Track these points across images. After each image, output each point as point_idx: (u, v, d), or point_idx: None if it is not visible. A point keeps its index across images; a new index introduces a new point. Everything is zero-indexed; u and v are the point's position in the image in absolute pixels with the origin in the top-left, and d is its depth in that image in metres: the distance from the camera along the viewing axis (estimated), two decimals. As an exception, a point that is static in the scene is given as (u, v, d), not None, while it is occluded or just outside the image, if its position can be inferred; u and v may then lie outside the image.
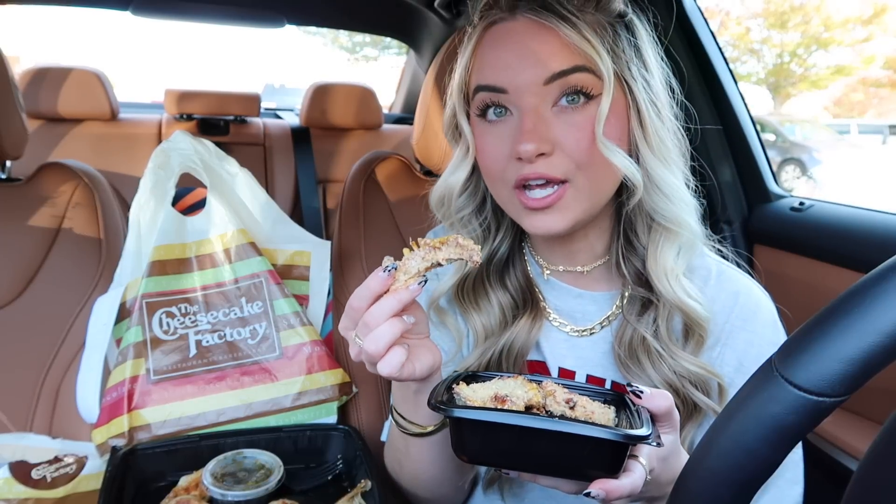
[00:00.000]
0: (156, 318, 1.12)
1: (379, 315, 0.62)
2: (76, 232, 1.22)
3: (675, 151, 0.76)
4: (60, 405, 1.13)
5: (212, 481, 0.90)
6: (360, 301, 0.63)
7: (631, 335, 0.78)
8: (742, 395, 0.39)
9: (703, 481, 0.41)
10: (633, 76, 0.72)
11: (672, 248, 0.77)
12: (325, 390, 1.16)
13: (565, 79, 0.70)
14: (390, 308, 0.62)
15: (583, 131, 0.70)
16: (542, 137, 0.69)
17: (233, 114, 2.66)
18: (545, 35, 0.70)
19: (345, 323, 0.66)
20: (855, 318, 0.35)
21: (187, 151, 1.23)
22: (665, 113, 0.75)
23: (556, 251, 0.84)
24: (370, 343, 0.62)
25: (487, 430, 0.57)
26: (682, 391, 0.75)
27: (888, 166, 10.31)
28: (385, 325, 0.62)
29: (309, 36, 20.57)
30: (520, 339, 0.81)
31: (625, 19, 0.75)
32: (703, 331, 0.77)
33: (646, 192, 0.75)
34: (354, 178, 1.35)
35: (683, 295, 0.76)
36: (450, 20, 2.28)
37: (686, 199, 0.76)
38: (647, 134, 0.73)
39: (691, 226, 0.76)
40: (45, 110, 2.35)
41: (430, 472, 0.79)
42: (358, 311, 0.63)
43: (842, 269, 1.23)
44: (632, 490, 0.57)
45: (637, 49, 0.74)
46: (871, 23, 14.53)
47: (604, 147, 0.70)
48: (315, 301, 1.28)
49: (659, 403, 0.60)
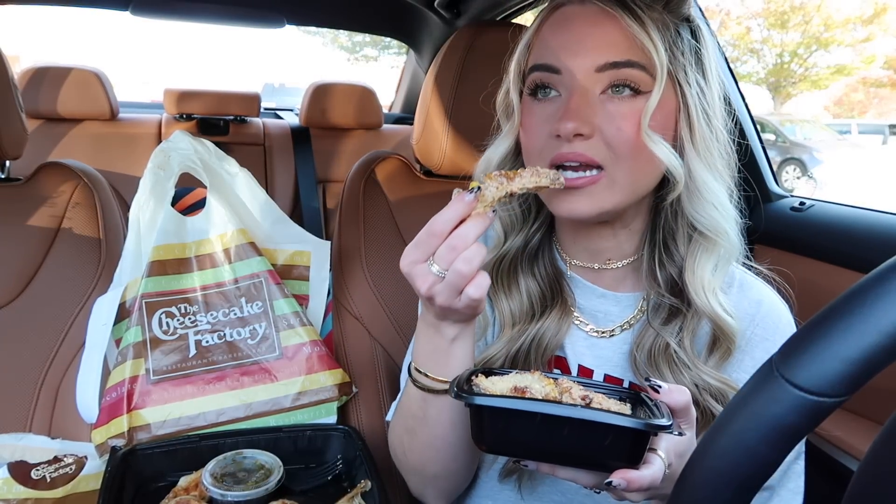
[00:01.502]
0: (155, 319, 1.12)
1: (468, 236, 0.60)
2: (76, 232, 1.22)
3: (720, 162, 0.75)
4: (60, 405, 1.13)
5: (211, 481, 0.90)
6: (446, 224, 0.61)
7: (652, 342, 0.78)
8: (742, 394, 0.39)
9: (704, 481, 0.41)
10: (687, 80, 0.73)
11: (710, 261, 0.76)
12: (324, 390, 1.16)
13: (618, 70, 0.70)
14: (477, 230, 0.61)
15: (627, 121, 0.70)
16: (583, 119, 0.70)
17: (232, 114, 2.66)
18: (607, 23, 0.71)
19: (414, 255, 0.63)
20: (855, 318, 0.35)
21: (187, 151, 1.23)
22: (716, 124, 0.74)
23: (581, 247, 0.84)
24: (462, 264, 0.60)
25: (509, 418, 0.57)
26: (702, 403, 0.75)
27: (888, 166, 10.30)
28: (473, 246, 0.61)
29: (309, 36, 20.61)
30: (549, 334, 0.81)
31: (692, 24, 0.75)
32: (731, 344, 0.76)
33: (687, 193, 0.75)
34: (354, 178, 1.35)
35: (720, 309, 0.75)
36: (450, 20, 2.28)
37: (727, 208, 0.75)
38: (695, 137, 0.73)
39: (730, 236, 0.76)
40: (45, 110, 2.35)
41: (448, 437, 0.77)
42: (439, 237, 0.61)
43: (842, 269, 1.23)
44: (651, 482, 0.57)
45: (697, 55, 0.74)
46: (871, 22, 14.55)
47: (648, 138, 0.70)
48: (315, 301, 1.28)
49: (677, 399, 0.60)
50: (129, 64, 31.77)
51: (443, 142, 1.24)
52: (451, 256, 0.61)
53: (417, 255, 0.63)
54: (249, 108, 2.69)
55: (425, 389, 0.73)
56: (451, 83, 1.22)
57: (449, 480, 0.84)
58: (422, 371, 0.74)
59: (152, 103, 3.23)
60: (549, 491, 0.83)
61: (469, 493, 0.90)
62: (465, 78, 1.21)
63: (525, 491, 0.84)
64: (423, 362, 0.74)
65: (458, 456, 0.80)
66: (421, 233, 0.63)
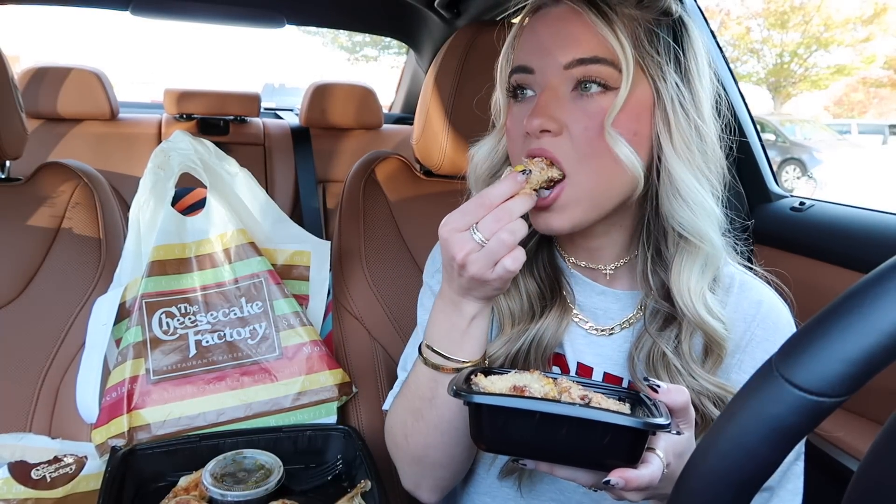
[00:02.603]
0: (155, 319, 1.12)
1: (514, 211, 0.65)
2: (76, 232, 1.22)
3: (703, 161, 0.74)
4: (60, 405, 1.13)
5: (211, 481, 0.90)
6: (497, 198, 0.65)
7: (650, 348, 0.78)
8: (742, 395, 0.39)
9: (704, 481, 0.41)
10: (662, 76, 0.72)
11: (695, 266, 0.76)
12: (325, 390, 1.16)
13: (585, 67, 0.71)
14: (524, 206, 0.66)
15: (592, 120, 0.71)
16: (551, 115, 0.71)
17: (232, 114, 2.66)
18: (576, 21, 0.72)
19: (458, 223, 0.66)
20: (855, 318, 0.35)
21: (187, 151, 1.23)
22: (698, 122, 0.73)
23: (578, 245, 0.84)
24: (507, 235, 0.64)
25: (507, 417, 0.58)
26: (701, 408, 0.75)
27: (888, 166, 10.31)
28: (518, 220, 0.65)
29: (309, 36, 20.61)
30: (549, 333, 0.81)
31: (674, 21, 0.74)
32: (721, 350, 0.76)
33: (664, 194, 0.74)
34: (354, 178, 1.35)
35: (705, 313, 0.75)
36: (450, 20, 2.28)
37: (707, 208, 0.74)
38: (673, 135, 0.72)
39: (712, 239, 0.75)
40: (45, 110, 2.35)
41: (455, 421, 0.76)
42: (489, 207, 0.65)
43: (842, 269, 1.23)
44: (650, 481, 0.57)
45: (678, 52, 0.74)
46: (871, 23, 14.55)
47: (609, 136, 0.70)
48: (315, 301, 1.28)
49: (675, 398, 0.60)
50: (129, 64, 31.79)
51: (443, 142, 1.24)
52: (496, 227, 0.64)
53: (462, 222, 0.66)
54: (249, 108, 2.69)
55: (437, 369, 0.74)
56: (451, 83, 1.22)
57: (448, 469, 0.83)
58: (435, 350, 0.74)
59: (152, 103, 3.23)
60: (548, 490, 0.83)
61: (468, 491, 0.90)
62: (465, 78, 1.21)
63: (524, 490, 0.84)
64: (438, 340, 0.74)
65: (461, 440, 0.79)
66: (468, 202, 0.66)
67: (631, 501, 0.61)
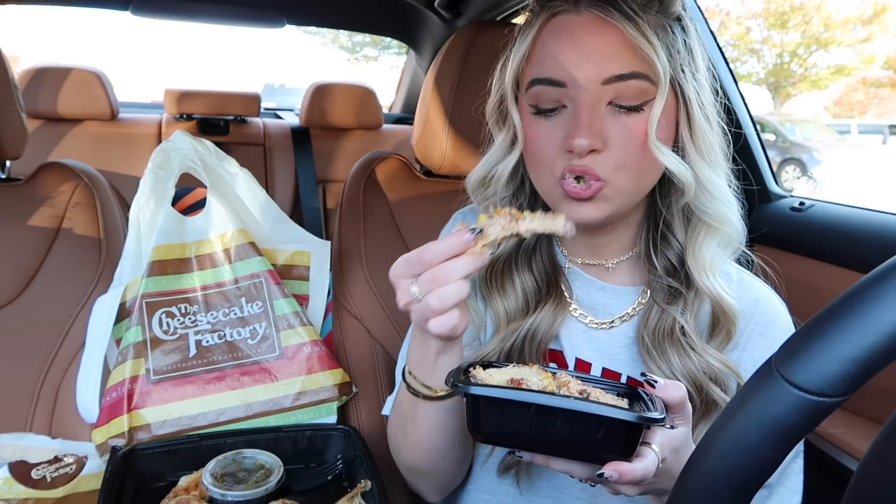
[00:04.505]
0: (155, 318, 1.12)
1: (452, 273, 0.61)
2: (76, 232, 1.22)
3: (720, 153, 0.77)
4: (60, 405, 1.13)
5: (211, 481, 0.90)
6: (436, 257, 0.62)
7: (657, 322, 0.79)
8: (742, 395, 0.39)
9: (704, 481, 0.41)
10: (685, 78, 0.73)
11: (712, 244, 0.78)
12: (325, 390, 1.16)
13: (623, 83, 0.70)
14: (465, 270, 0.61)
15: (634, 134, 0.71)
16: (596, 134, 0.70)
17: (233, 114, 2.66)
18: (609, 33, 0.71)
19: (401, 270, 0.64)
20: (855, 318, 0.35)
21: (187, 151, 1.23)
22: (709, 111, 0.75)
23: (582, 243, 0.85)
24: (435, 300, 0.61)
25: (503, 408, 0.58)
26: (705, 387, 0.76)
27: (888, 166, 10.31)
28: (455, 284, 0.61)
29: (309, 36, 20.60)
30: (543, 327, 0.81)
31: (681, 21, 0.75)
32: (732, 326, 0.78)
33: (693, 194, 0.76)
34: (354, 178, 1.35)
35: (721, 290, 0.77)
36: (450, 20, 2.28)
37: (729, 197, 0.78)
38: (696, 136, 0.74)
39: (734, 223, 0.78)
40: (45, 110, 2.35)
41: (435, 440, 0.78)
42: (427, 265, 0.62)
43: (842, 269, 1.23)
44: (644, 475, 0.57)
45: (690, 50, 0.74)
46: (871, 23, 14.55)
47: (657, 150, 0.71)
48: (315, 301, 1.28)
49: (672, 394, 0.61)
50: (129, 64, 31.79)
51: (443, 142, 1.24)
52: (429, 287, 0.61)
53: (404, 270, 0.64)
54: (249, 109, 2.69)
55: (415, 393, 0.74)
56: (451, 83, 1.22)
57: (440, 478, 0.85)
58: (413, 374, 0.74)
59: (152, 103, 3.23)
60: (546, 486, 0.84)
61: (467, 488, 0.90)
62: (465, 78, 1.21)
63: (523, 486, 0.84)
64: (414, 366, 0.74)
65: (447, 457, 0.81)
66: (413, 252, 0.63)
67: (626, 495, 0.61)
